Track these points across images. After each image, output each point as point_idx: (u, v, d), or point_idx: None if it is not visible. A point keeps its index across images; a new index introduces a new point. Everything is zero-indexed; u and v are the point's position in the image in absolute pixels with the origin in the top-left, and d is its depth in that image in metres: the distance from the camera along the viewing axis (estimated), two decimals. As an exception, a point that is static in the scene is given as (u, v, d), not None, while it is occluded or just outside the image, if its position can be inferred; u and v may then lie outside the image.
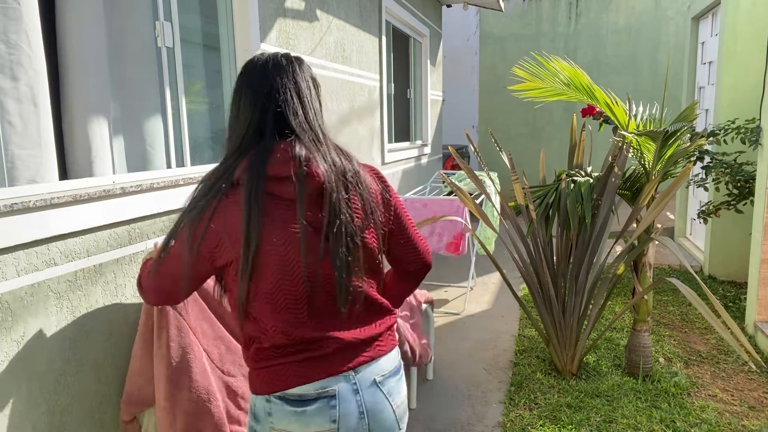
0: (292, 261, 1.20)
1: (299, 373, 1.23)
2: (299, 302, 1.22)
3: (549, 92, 3.28)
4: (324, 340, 1.24)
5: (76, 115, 2.02)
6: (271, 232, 1.18)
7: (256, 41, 2.78)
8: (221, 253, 1.20)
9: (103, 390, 1.93)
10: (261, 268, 1.19)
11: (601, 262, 3.16)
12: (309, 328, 1.23)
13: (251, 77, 1.25)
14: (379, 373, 1.31)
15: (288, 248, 1.19)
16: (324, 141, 1.26)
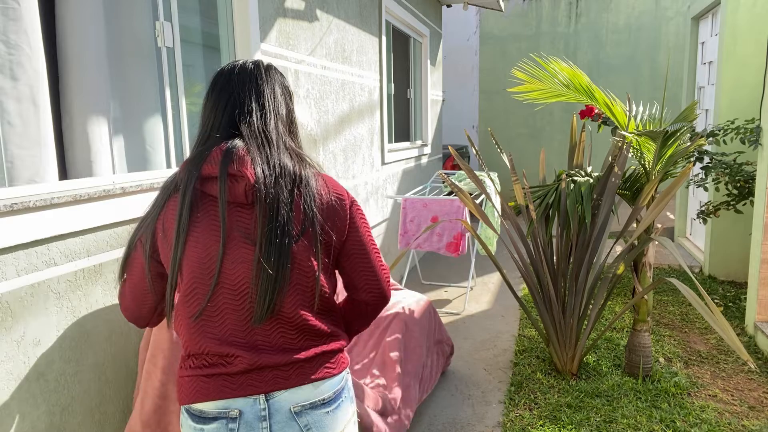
0: (210, 265, 1.14)
1: (202, 388, 1.15)
2: (213, 310, 1.16)
3: (548, 93, 3.28)
4: (234, 356, 1.15)
5: (76, 115, 2.03)
6: (197, 231, 1.15)
7: (256, 41, 2.78)
8: (162, 253, 1.20)
9: (103, 390, 1.93)
10: (184, 269, 1.16)
11: (601, 262, 3.16)
12: (218, 341, 1.15)
13: (216, 83, 1.24)
14: (299, 401, 1.17)
15: (209, 250, 1.14)
16: (275, 144, 1.19)
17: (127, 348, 2.03)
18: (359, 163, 4.31)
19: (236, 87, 1.22)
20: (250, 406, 1.15)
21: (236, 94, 1.21)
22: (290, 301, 1.17)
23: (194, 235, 1.15)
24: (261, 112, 1.21)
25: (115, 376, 1.98)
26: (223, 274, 1.15)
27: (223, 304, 1.16)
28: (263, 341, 1.17)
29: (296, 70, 3.22)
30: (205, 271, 1.15)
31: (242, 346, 1.16)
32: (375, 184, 4.71)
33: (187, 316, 1.18)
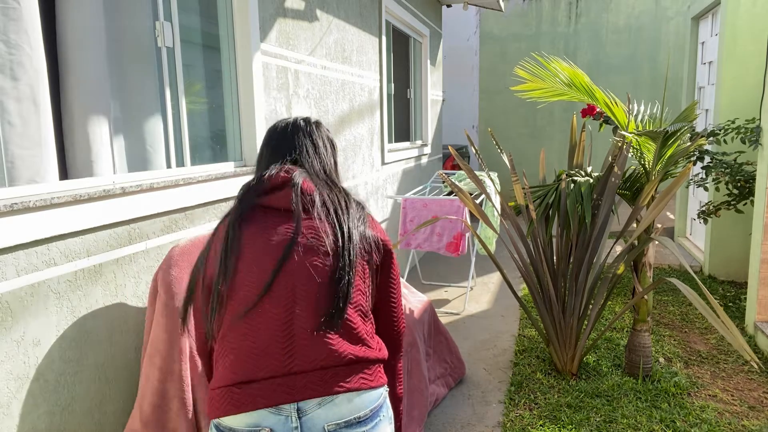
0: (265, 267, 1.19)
1: (234, 400, 1.12)
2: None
3: (550, 92, 3.28)
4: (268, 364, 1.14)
5: (77, 115, 2.03)
6: (253, 239, 1.23)
7: (256, 41, 2.78)
8: (209, 267, 1.24)
9: (103, 390, 1.93)
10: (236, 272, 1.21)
11: (601, 262, 3.16)
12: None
13: (272, 138, 1.39)
14: (333, 419, 1.12)
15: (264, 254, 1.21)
16: (331, 184, 1.33)
17: (127, 348, 2.03)
18: (359, 163, 4.31)
19: (293, 139, 1.37)
20: (282, 424, 1.11)
21: (294, 145, 1.36)
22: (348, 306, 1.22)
23: (246, 241, 1.22)
24: (318, 158, 1.36)
25: (115, 376, 1.98)
26: (287, 287, 1.20)
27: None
28: (299, 354, 1.16)
29: (296, 70, 3.22)
30: (259, 275, 1.20)
31: (276, 355, 1.16)
32: (375, 184, 4.71)
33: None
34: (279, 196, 1.25)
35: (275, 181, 1.26)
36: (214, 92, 2.74)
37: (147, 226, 2.11)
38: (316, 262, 1.19)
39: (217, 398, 1.15)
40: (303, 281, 1.18)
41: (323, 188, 1.29)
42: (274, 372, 1.13)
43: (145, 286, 2.10)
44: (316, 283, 1.18)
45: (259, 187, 1.26)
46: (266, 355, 1.14)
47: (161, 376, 1.87)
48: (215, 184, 2.48)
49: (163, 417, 1.86)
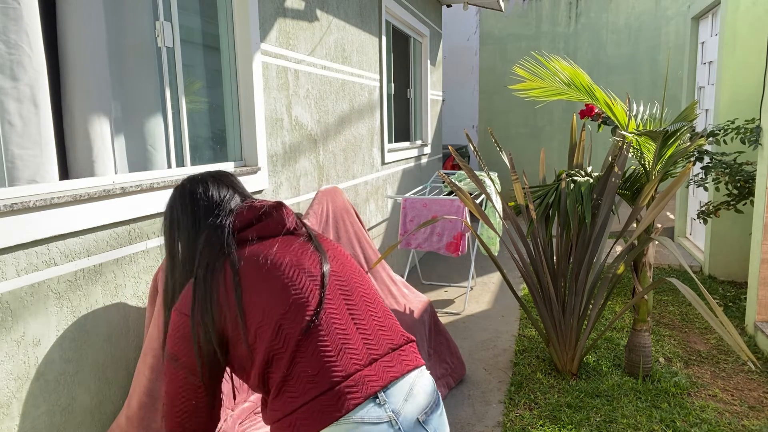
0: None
1: (323, 414, 1.08)
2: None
3: (550, 92, 3.28)
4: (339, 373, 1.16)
5: (77, 115, 2.03)
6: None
7: (256, 41, 2.78)
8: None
9: (103, 390, 1.93)
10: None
11: (601, 262, 3.16)
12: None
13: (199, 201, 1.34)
14: (420, 408, 1.18)
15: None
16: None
17: (127, 348, 2.03)
18: (359, 163, 4.31)
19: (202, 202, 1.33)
20: (384, 426, 1.10)
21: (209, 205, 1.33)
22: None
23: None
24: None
25: (115, 376, 1.98)
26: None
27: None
28: (369, 336, 1.21)
29: (296, 70, 3.22)
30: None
31: (348, 351, 1.17)
32: (375, 184, 4.71)
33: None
34: (272, 221, 1.28)
35: (259, 211, 1.28)
36: (214, 92, 2.74)
37: (147, 226, 2.11)
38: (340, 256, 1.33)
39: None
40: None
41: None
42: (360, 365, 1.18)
43: (145, 286, 2.11)
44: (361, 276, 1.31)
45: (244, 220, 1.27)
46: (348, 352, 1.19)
47: (152, 375, 1.87)
48: (215, 184, 2.47)
49: (149, 416, 1.86)
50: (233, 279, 1.17)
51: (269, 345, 1.13)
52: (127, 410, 1.87)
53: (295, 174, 3.25)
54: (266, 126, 2.92)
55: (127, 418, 1.86)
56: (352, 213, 3.37)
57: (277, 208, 1.28)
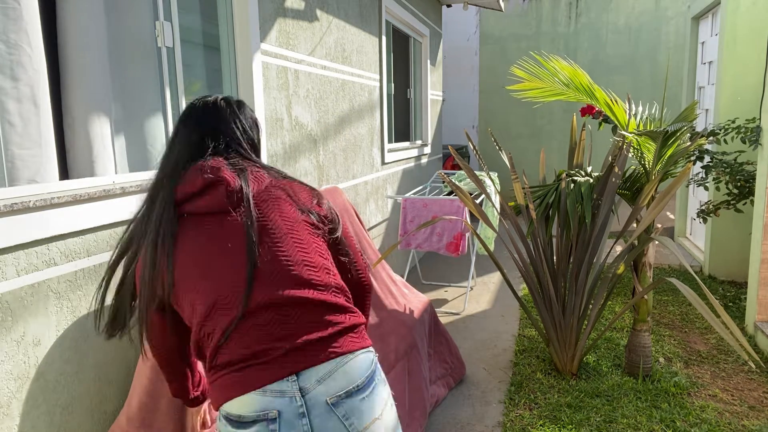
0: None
1: (236, 384, 1.16)
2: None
3: (548, 92, 3.28)
4: (265, 351, 1.19)
5: (77, 115, 2.03)
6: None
7: (256, 41, 2.78)
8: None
9: (103, 390, 1.93)
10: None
11: (601, 262, 3.16)
12: (244, 347, 1.20)
13: (188, 119, 1.35)
14: (333, 392, 1.17)
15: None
16: (245, 157, 1.33)
17: (127, 348, 2.03)
18: (359, 163, 4.31)
19: (212, 121, 1.35)
20: (287, 405, 1.14)
21: (221, 126, 1.35)
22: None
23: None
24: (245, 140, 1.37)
25: (115, 376, 1.98)
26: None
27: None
28: (287, 331, 1.20)
29: (296, 70, 3.22)
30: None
31: (274, 339, 1.19)
32: (375, 184, 4.71)
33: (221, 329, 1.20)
34: (209, 198, 1.25)
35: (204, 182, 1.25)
36: (214, 92, 2.74)
37: (147, 226, 2.11)
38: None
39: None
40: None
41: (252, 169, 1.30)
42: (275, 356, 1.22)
43: (145, 286, 2.10)
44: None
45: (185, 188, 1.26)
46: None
47: (152, 375, 1.87)
48: (215, 184, 2.47)
49: (149, 416, 1.86)
50: (164, 251, 1.21)
51: (198, 323, 1.21)
52: (127, 410, 1.87)
53: (295, 174, 3.25)
54: (266, 126, 2.92)
55: (127, 418, 1.86)
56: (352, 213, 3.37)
57: (215, 185, 1.23)
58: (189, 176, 1.25)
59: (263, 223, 1.24)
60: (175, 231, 1.22)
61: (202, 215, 1.24)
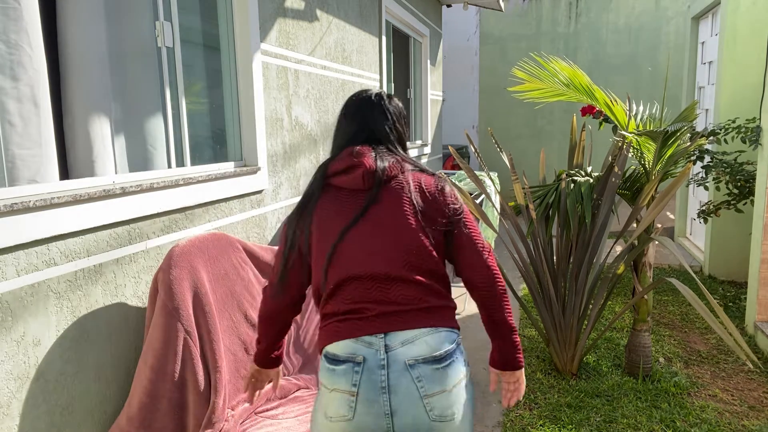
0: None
1: (335, 332, 1.40)
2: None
3: (549, 93, 3.28)
4: (364, 309, 1.40)
5: (77, 115, 2.03)
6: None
7: (256, 41, 2.78)
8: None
9: (103, 390, 1.93)
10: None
11: (601, 262, 3.16)
12: (351, 301, 1.41)
13: (347, 111, 1.59)
14: (413, 356, 1.36)
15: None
16: (391, 150, 1.53)
17: (127, 348, 2.04)
18: (359, 163, 4.31)
19: (363, 111, 1.57)
20: (372, 355, 1.35)
21: (362, 116, 1.56)
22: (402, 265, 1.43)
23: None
24: (391, 132, 1.56)
25: (115, 376, 1.98)
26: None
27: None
28: (384, 298, 1.40)
29: (296, 70, 3.22)
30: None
31: (371, 302, 1.39)
32: (375, 184, 4.71)
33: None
34: (350, 178, 1.45)
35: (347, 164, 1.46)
36: (214, 92, 2.74)
37: (147, 226, 2.11)
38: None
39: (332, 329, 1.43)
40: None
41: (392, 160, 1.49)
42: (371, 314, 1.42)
43: (145, 286, 2.11)
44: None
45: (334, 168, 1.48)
46: None
47: (152, 375, 1.87)
48: (215, 184, 2.48)
49: (149, 416, 1.86)
50: (308, 210, 1.47)
51: (318, 273, 1.45)
52: (127, 410, 1.87)
53: (295, 174, 3.25)
54: (266, 126, 2.92)
55: (127, 419, 1.86)
56: (352, 213, 3.37)
57: (356, 167, 1.44)
58: (341, 157, 1.48)
59: (386, 206, 1.42)
60: (319, 194, 1.47)
61: (341, 188, 1.47)
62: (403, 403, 1.34)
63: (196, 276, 2.04)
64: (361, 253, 1.40)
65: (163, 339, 1.90)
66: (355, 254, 1.40)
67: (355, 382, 1.34)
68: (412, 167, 1.53)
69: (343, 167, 1.46)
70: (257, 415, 2.08)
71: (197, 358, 1.96)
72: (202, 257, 2.12)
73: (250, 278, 2.38)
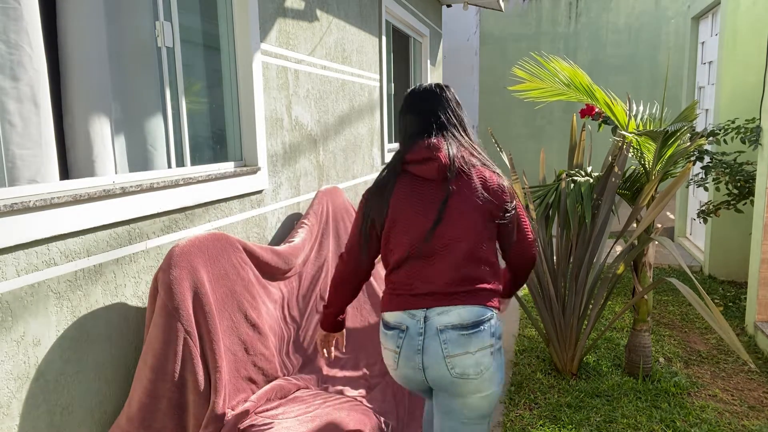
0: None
1: (390, 303, 1.72)
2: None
3: (549, 92, 3.28)
4: (414, 286, 1.67)
5: (77, 115, 2.03)
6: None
7: (256, 41, 2.78)
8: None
9: (103, 390, 1.93)
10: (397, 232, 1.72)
11: (601, 262, 3.16)
12: (408, 277, 1.69)
13: (412, 102, 1.82)
14: (444, 323, 1.63)
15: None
16: (457, 137, 1.76)
17: (127, 348, 2.04)
18: (359, 163, 4.31)
19: (427, 102, 1.81)
20: (414, 324, 1.66)
21: (428, 107, 1.80)
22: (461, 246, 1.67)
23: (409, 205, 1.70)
24: (445, 116, 1.80)
25: (115, 376, 1.98)
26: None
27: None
28: (434, 279, 1.66)
29: (296, 70, 3.22)
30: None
31: (423, 281, 1.66)
32: (375, 184, 4.71)
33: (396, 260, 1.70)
34: (423, 168, 1.67)
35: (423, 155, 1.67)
36: (214, 92, 2.74)
37: (147, 226, 2.11)
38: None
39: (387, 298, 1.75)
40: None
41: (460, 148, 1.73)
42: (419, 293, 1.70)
43: (145, 286, 2.11)
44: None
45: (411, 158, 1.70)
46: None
47: (152, 375, 1.87)
48: (215, 184, 2.48)
49: (149, 416, 1.86)
50: (387, 191, 1.70)
51: (387, 251, 1.73)
52: (127, 410, 1.87)
53: (295, 174, 3.25)
54: (266, 126, 2.92)
55: (127, 419, 1.86)
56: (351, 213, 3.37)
57: (432, 159, 1.65)
58: (417, 147, 1.68)
59: (455, 197, 1.65)
60: (395, 179, 1.70)
61: (416, 176, 1.68)
62: (431, 361, 1.63)
63: (196, 276, 2.04)
64: (425, 237, 1.65)
65: (163, 339, 1.90)
66: (420, 237, 1.64)
67: (398, 345, 1.68)
68: (478, 161, 1.75)
69: (419, 158, 1.67)
70: (257, 415, 2.08)
71: (197, 358, 1.96)
72: (202, 257, 2.12)
73: (250, 278, 2.38)
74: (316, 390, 2.41)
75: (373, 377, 2.61)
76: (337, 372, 2.64)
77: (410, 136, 1.75)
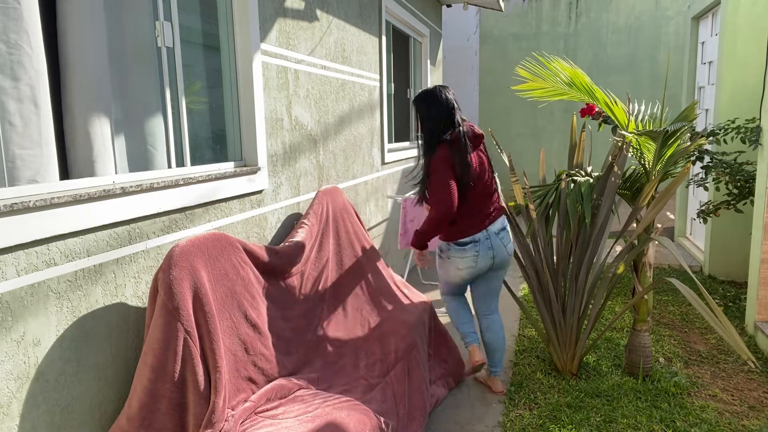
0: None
1: (462, 230, 2.86)
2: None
3: (551, 92, 3.28)
4: (478, 214, 2.88)
5: (77, 115, 2.03)
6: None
7: (256, 41, 2.78)
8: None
9: (103, 390, 1.93)
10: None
11: (601, 262, 3.16)
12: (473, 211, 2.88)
13: (435, 98, 2.89)
14: (497, 228, 2.89)
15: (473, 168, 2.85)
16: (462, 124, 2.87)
17: (127, 348, 2.04)
18: (359, 163, 4.31)
19: (447, 99, 2.90)
20: (482, 235, 2.86)
21: (449, 103, 2.90)
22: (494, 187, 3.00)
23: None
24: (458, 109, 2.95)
25: (115, 376, 1.98)
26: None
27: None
28: (488, 209, 2.91)
29: (296, 70, 3.22)
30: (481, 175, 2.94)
31: (482, 212, 2.89)
32: (375, 184, 4.71)
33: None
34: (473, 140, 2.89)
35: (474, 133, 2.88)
36: (214, 92, 2.74)
37: (147, 226, 2.11)
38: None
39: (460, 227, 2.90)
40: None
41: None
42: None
43: (145, 286, 2.11)
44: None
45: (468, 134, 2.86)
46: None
47: (152, 375, 1.87)
48: (215, 184, 2.48)
49: (149, 416, 1.86)
50: (461, 149, 2.80)
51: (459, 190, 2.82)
52: (127, 410, 1.87)
53: (295, 174, 3.25)
54: (266, 126, 2.92)
55: (127, 418, 1.86)
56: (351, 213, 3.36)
57: (480, 137, 2.90)
58: (458, 129, 2.81)
59: (485, 159, 2.93)
60: (449, 148, 2.80)
61: (458, 144, 2.78)
62: (498, 249, 2.88)
63: (196, 276, 2.04)
64: (476, 182, 2.82)
65: (163, 339, 1.90)
66: (474, 182, 2.81)
67: (477, 251, 2.85)
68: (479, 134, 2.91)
69: (472, 135, 2.84)
70: (257, 415, 2.08)
71: (197, 358, 1.96)
72: (202, 257, 2.12)
73: (250, 278, 2.38)
74: (316, 390, 2.41)
75: (373, 377, 2.61)
76: (337, 372, 2.64)
77: (440, 121, 2.83)
